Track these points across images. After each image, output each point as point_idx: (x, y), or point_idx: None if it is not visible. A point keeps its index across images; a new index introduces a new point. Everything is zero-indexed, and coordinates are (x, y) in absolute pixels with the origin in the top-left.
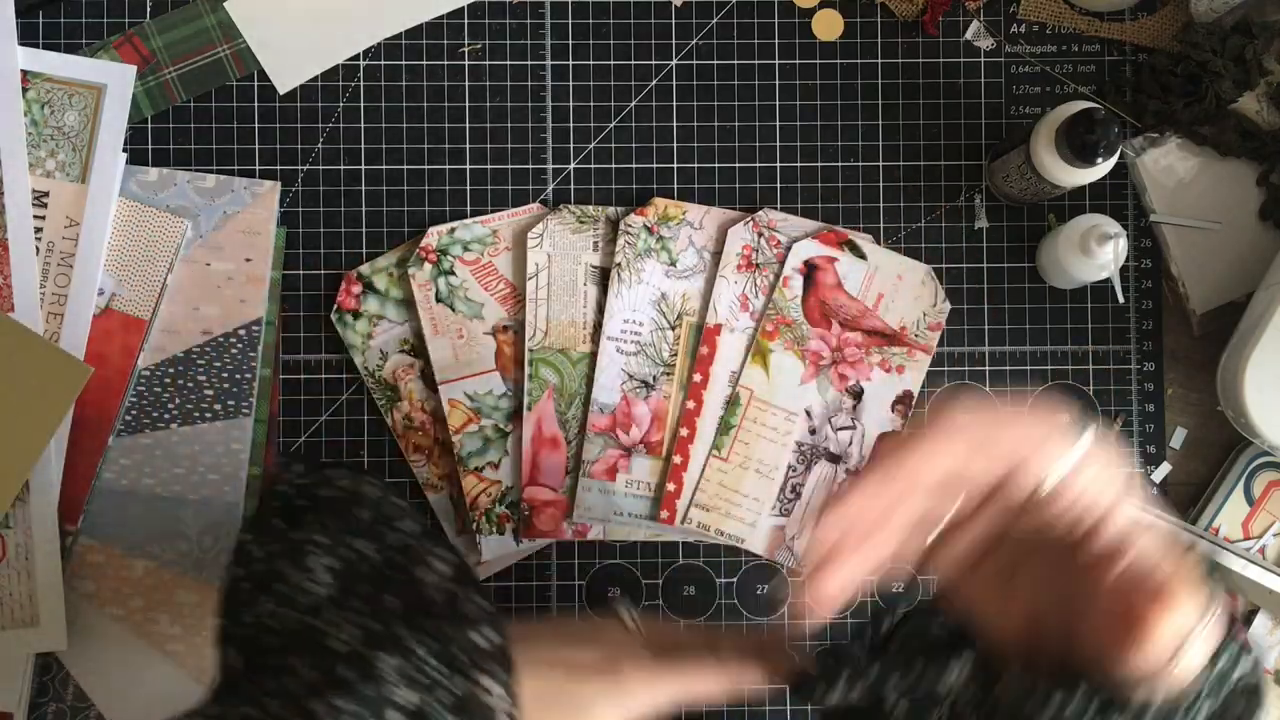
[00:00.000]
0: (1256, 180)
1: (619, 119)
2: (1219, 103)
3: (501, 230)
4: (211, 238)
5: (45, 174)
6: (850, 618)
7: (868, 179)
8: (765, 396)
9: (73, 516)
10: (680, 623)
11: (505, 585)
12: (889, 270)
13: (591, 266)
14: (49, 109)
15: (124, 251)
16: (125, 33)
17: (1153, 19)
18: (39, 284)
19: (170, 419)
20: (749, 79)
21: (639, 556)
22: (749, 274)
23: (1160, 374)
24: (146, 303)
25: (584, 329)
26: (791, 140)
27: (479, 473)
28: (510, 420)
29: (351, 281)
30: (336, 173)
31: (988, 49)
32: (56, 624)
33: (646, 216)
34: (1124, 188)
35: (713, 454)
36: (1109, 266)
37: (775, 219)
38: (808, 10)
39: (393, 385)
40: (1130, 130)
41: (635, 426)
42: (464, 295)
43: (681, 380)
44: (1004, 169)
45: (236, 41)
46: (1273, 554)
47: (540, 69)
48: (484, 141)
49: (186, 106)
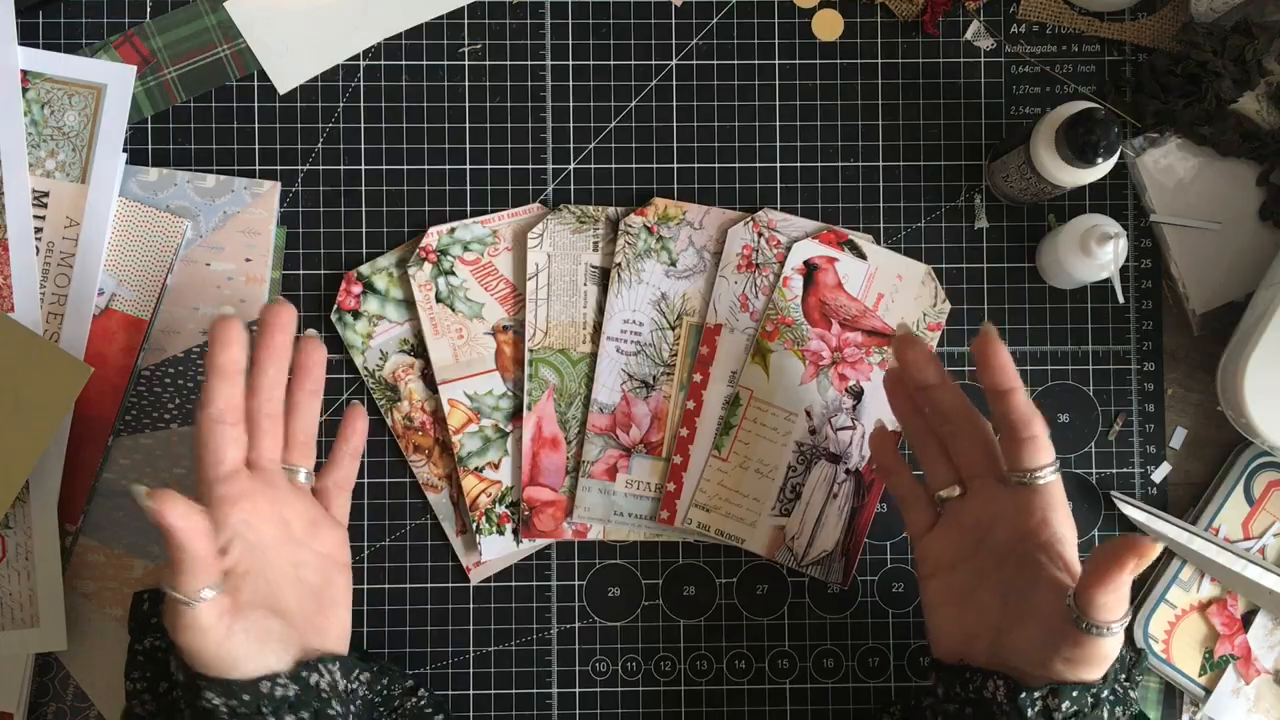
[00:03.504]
0: (1256, 180)
1: (619, 119)
2: (1219, 103)
3: (501, 230)
4: (211, 238)
5: (45, 174)
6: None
7: (868, 179)
8: (765, 396)
9: (73, 516)
10: None
11: (505, 585)
12: (889, 270)
13: (591, 266)
14: (49, 109)
15: (124, 251)
16: (125, 33)
17: (1153, 19)
18: (39, 284)
19: (170, 419)
20: (749, 79)
21: (639, 556)
22: (749, 274)
23: (1160, 374)
24: (146, 303)
25: (584, 329)
26: (791, 140)
27: (479, 473)
28: (510, 420)
29: (351, 281)
30: (336, 173)
31: (988, 49)
32: (56, 624)
33: (646, 216)
34: (1124, 188)
35: (713, 454)
36: (1109, 266)
37: (775, 219)
38: (808, 10)
39: (393, 385)
40: (1130, 130)
41: (635, 426)
42: (464, 295)
43: (681, 380)
44: (1004, 169)
45: (236, 41)
46: (1273, 554)
47: (540, 69)
48: (484, 141)
49: (186, 106)
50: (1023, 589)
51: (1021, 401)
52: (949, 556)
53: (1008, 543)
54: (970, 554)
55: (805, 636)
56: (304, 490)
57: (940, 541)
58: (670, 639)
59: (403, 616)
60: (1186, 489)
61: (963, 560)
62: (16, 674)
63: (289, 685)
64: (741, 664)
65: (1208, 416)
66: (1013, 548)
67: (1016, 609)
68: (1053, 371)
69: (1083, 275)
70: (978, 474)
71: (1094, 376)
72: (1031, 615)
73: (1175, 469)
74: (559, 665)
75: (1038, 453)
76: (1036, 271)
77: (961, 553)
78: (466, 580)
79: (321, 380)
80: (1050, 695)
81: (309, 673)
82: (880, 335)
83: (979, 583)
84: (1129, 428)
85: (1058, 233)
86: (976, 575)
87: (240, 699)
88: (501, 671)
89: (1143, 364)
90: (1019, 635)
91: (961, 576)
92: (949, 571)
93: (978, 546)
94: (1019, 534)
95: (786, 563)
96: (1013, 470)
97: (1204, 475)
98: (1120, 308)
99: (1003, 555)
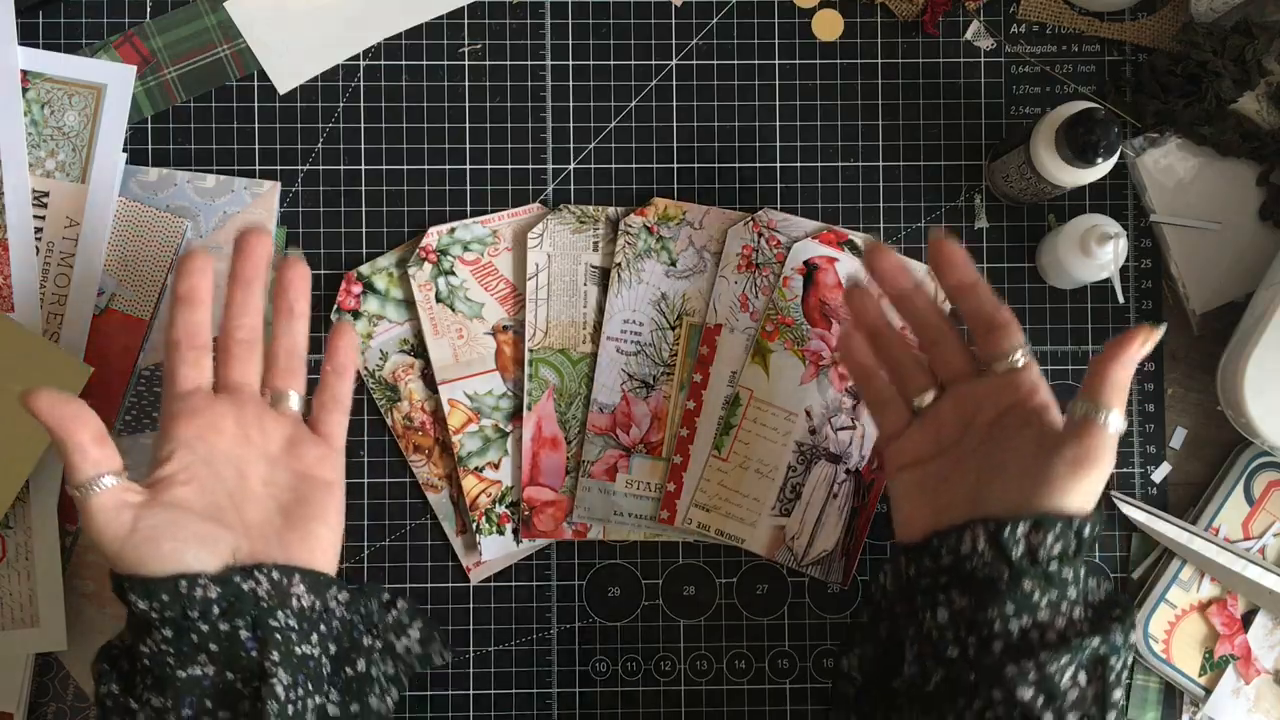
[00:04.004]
0: (1256, 180)
1: (619, 119)
2: (1219, 103)
3: (501, 230)
4: (211, 238)
5: (45, 174)
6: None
7: (868, 179)
8: (765, 396)
9: (73, 516)
10: None
11: (505, 585)
12: None
13: (591, 266)
14: (49, 109)
15: (124, 251)
16: (125, 33)
17: (1153, 19)
18: (39, 284)
19: None
20: (749, 79)
21: (639, 556)
22: (749, 274)
23: (1160, 374)
24: (146, 303)
25: (584, 329)
26: (791, 140)
27: (479, 473)
28: (510, 420)
29: (351, 281)
30: (336, 173)
31: (988, 49)
32: (56, 624)
33: (646, 216)
34: (1124, 188)
35: (713, 454)
36: (1109, 266)
37: (775, 219)
38: (808, 10)
39: (393, 385)
40: (1130, 130)
41: (635, 426)
42: (464, 295)
43: (681, 380)
44: (1004, 169)
45: (236, 41)
46: (1273, 554)
47: (540, 69)
48: (484, 141)
49: (186, 106)
50: (1003, 446)
51: (988, 290)
52: (927, 452)
53: (992, 421)
54: (951, 445)
55: (805, 636)
56: (285, 412)
57: (916, 440)
58: (670, 639)
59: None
60: (1186, 489)
61: (942, 452)
62: (16, 674)
63: (210, 586)
64: (741, 664)
65: (1208, 416)
66: (996, 423)
67: (995, 465)
68: (1053, 371)
69: (1083, 275)
70: (956, 376)
71: None
72: (1013, 458)
73: (1175, 469)
74: (559, 665)
75: (1015, 334)
76: (1036, 271)
77: (940, 446)
78: (466, 580)
79: (302, 299)
80: (1034, 531)
81: (242, 578)
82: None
83: (955, 466)
84: (1129, 428)
85: (1058, 233)
86: (954, 461)
87: (159, 599)
88: (501, 671)
89: (1143, 364)
90: (997, 483)
91: (937, 465)
92: (924, 465)
93: (959, 437)
94: (1005, 410)
95: (786, 563)
96: (994, 358)
97: (1204, 475)
98: (1120, 308)
99: (984, 435)
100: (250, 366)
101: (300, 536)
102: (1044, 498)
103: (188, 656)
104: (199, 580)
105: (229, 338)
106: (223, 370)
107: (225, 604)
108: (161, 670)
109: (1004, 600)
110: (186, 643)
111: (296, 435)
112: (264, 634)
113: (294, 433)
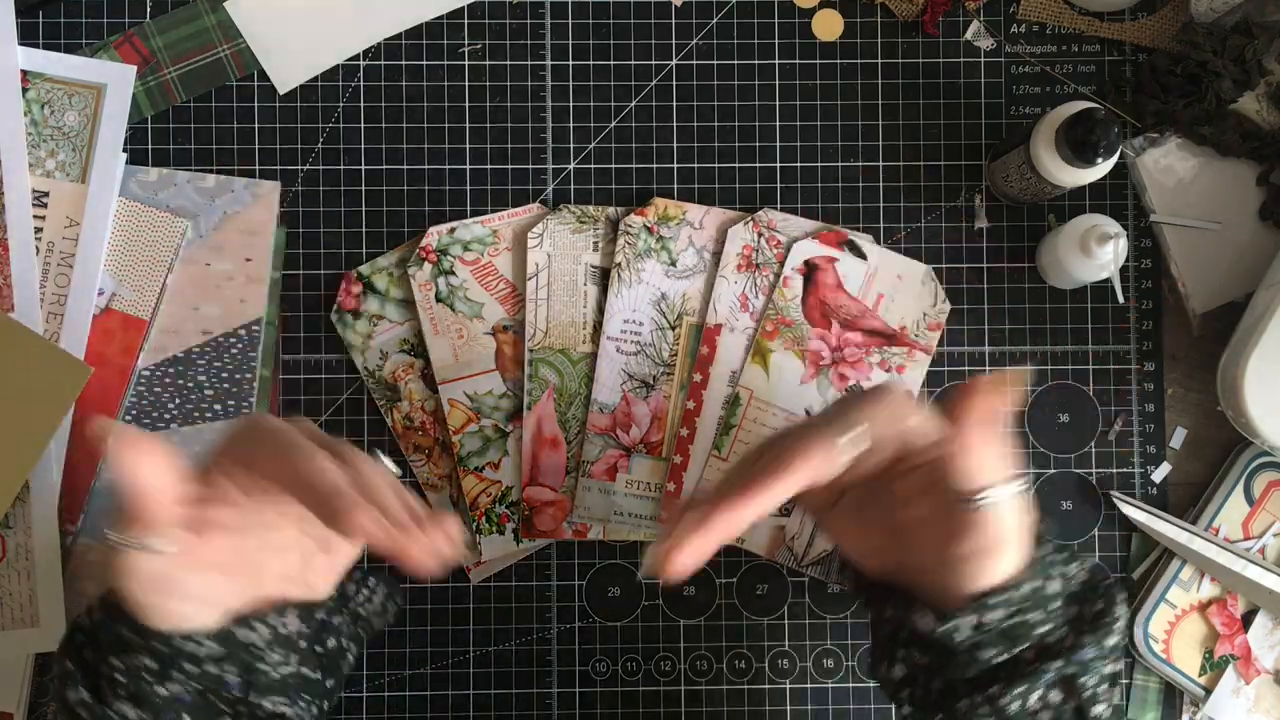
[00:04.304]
0: (1256, 180)
1: (619, 119)
2: (1219, 103)
3: (501, 230)
4: (211, 238)
5: (45, 174)
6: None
7: (868, 179)
8: (765, 396)
9: (73, 516)
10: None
11: (505, 585)
12: (889, 270)
13: (591, 266)
14: (49, 109)
15: (124, 251)
16: (125, 33)
17: (1153, 19)
18: (39, 284)
19: (170, 419)
20: (749, 79)
21: (639, 556)
22: (749, 274)
23: (1160, 374)
24: (146, 303)
25: (584, 329)
26: (791, 140)
27: (479, 473)
28: (510, 420)
29: (351, 281)
30: (336, 173)
31: (988, 49)
32: (56, 624)
33: (646, 216)
34: (1124, 188)
35: (713, 454)
36: (1109, 266)
37: (775, 219)
38: (808, 10)
39: (393, 385)
40: (1130, 130)
41: (635, 426)
42: (464, 295)
43: (681, 380)
44: (1004, 169)
45: (236, 41)
46: (1273, 554)
47: (540, 69)
48: (484, 141)
49: (186, 106)
50: (907, 515)
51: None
52: (830, 495)
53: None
54: (848, 484)
55: (805, 636)
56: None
57: (819, 489)
58: (670, 639)
59: (403, 616)
60: (1186, 489)
61: (842, 493)
62: (16, 674)
63: (206, 644)
64: (741, 664)
65: (1208, 416)
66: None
67: (903, 532)
68: (1053, 371)
69: (1083, 275)
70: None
71: (1094, 376)
72: (919, 542)
73: (1175, 469)
74: (559, 665)
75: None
76: (1036, 271)
77: (836, 487)
78: (466, 580)
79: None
80: (979, 613)
81: (240, 627)
82: (880, 335)
83: (863, 502)
84: (1129, 428)
85: (1058, 233)
86: (859, 499)
87: (151, 644)
88: (501, 671)
89: (1143, 364)
90: (914, 551)
91: (847, 501)
92: (833, 507)
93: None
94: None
95: (786, 563)
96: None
97: (1204, 475)
98: (1120, 308)
99: (883, 489)
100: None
101: (312, 571)
102: (965, 586)
103: (170, 679)
104: (196, 637)
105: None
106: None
107: (218, 656)
108: (138, 686)
109: (964, 668)
110: (169, 672)
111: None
112: (250, 677)
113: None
